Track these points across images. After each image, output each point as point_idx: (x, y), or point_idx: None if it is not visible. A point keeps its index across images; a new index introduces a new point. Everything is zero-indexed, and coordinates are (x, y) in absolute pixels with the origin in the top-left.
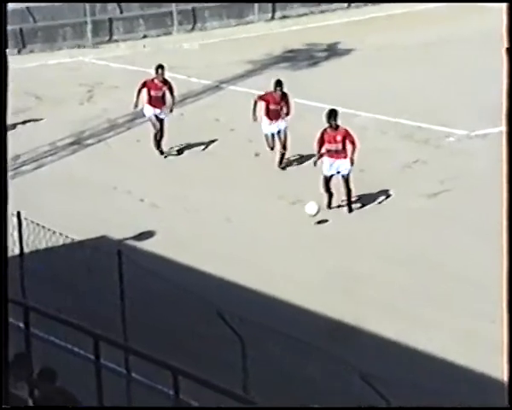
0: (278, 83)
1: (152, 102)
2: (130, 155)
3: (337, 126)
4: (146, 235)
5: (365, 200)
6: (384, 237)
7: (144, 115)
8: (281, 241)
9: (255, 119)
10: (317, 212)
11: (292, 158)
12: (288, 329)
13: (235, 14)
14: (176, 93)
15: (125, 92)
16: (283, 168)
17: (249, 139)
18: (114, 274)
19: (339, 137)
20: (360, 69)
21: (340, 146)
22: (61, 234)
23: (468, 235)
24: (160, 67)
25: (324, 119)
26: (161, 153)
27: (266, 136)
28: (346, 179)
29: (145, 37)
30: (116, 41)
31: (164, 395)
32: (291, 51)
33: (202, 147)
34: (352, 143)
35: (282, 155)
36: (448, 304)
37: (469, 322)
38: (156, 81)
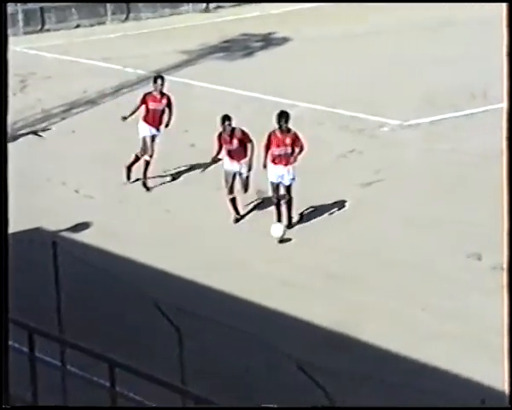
0: (225, 118)
1: (149, 118)
2: (64, 146)
3: (288, 130)
4: (81, 226)
5: (302, 190)
6: (320, 225)
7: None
8: (221, 232)
9: (215, 160)
10: (283, 234)
11: None
12: (226, 319)
13: (170, 4)
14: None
15: (58, 82)
16: (238, 219)
17: (185, 129)
18: (49, 266)
19: (288, 140)
20: (296, 60)
21: (288, 149)
22: None
23: (402, 224)
24: (160, 77)
25: (275, 120)
26: (128, 178)
27: (225, 172)
28: (288, 188)
29: (78, 26)
30: (48, 30)
31: (100, 386)
32: (226, 41)
33: (138, 136)
34: (301, 148)
35: (234, 205)
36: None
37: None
38: (155, 93)
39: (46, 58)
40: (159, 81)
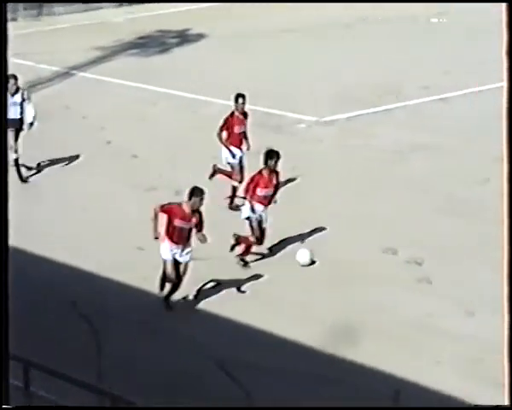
0: (195, 192)
1: (234, 141)
2: None
3: (275, 169)
4: None
5: (218, 188)
6: (239, 223)
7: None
8: (136, 229)
9: (156, 236)
10: (311, 259)
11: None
12: (142, 316)
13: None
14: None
15: None
16: (168, 304)
17: (101, 126)
18: None
19: (274, 180)
20: (212, 56)
21: (272, 190)
22: None
23: (318, 220)
24: (241, 96)
25: (263, 159)
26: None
27: (165, 262)
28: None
29: None
30: None
31: (14, 387)
32: (142, 38)
33: (53, 135)
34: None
35: (172, 289)
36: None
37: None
38: (237, 114)
39: None
40: (240, 100)
